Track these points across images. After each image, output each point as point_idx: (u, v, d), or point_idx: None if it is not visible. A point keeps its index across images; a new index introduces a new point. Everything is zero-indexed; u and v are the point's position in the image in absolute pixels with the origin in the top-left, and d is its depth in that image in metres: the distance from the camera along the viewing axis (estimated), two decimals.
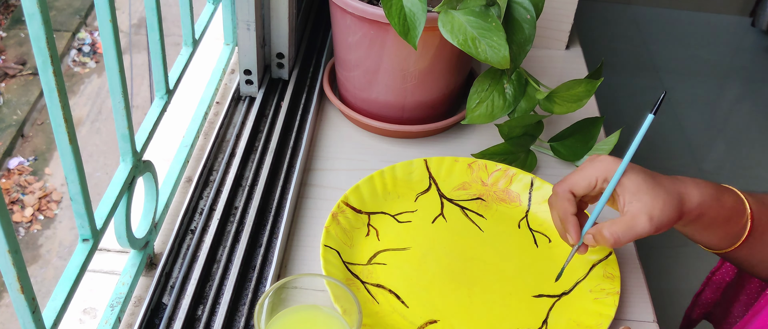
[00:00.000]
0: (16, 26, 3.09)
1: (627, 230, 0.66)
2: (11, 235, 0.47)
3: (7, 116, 2.66)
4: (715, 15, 2.82)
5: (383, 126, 0.92)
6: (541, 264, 0.78)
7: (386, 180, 0.84)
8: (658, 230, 0.66)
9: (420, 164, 0.86)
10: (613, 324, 0.72)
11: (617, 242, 0.66)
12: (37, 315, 0.52)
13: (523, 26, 0.79)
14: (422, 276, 0.76)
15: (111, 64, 0.60)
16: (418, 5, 0.75)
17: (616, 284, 0.74)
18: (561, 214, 0.70)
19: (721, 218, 0.69)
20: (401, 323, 0.72)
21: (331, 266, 0.73)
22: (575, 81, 0.82)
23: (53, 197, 2.44)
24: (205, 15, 0.86)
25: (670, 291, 1.33)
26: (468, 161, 0.87)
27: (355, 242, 0.79)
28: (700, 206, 0.67)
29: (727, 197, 0.69)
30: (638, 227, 0.66)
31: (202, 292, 0.70)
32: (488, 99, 0.85)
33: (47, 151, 2.60)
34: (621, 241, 0.66)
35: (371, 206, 0.82)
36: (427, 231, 0.81)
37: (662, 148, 2.09)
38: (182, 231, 0.76)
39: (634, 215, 0.66)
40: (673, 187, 0.67)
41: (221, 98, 0.95)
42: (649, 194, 0.66)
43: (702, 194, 0.68)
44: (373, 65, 0.88)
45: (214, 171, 0.83)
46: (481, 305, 0.74)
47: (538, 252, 0.79)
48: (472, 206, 0.84)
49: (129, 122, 0.63)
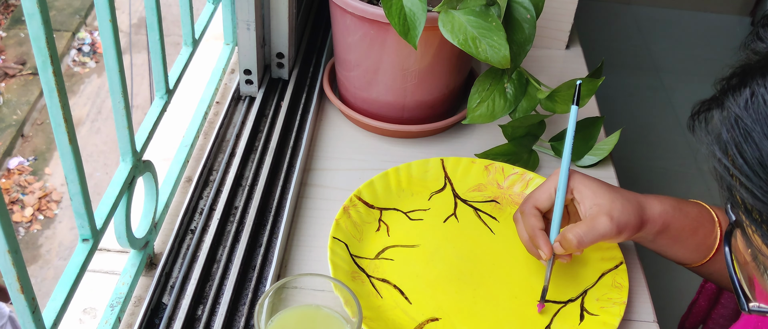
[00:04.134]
0: (16, 26, 3.09)
1: (589, 230, 0.68)
2: (11, 235, 0.47)
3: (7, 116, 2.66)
4: (715, 15, 2.82)
5: (383, 126, 0.92)
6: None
7: (401, 177, 0.84)
8: (620, 231, 0.68)
9: (436, 163, 0.86)
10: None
11: (581, 243, 0.68)
12: (37, 315, 0.52)
13: (523, 26, 0.79)
14: (428, 274, 0.76)
15: (111, 65, 0.60)
16: (418, 5, 0.75)
17: (624, 294, 0.74)
18: (529, 230, 0.71)
19: (688, 229, 0.70)
20: (403, 319, 0.72)
21: (337, 258, 0.74)
22: (576, 80, 0.82)
23: (53, 197, 2.44)
24: (205, 15, 0.86)
25: (670, 291, 1.33)
26: (485, 162, 0.87)
27: (365, 236, 0.79)
28: (663, 215, 0.69)
29: (690, 208, 0.71)
30: (600, 226, 0.67)
31: (202, 292, 0.70)
32: (489, 99, 0.85)
33: (47, 151, 2.60)
34: (584, 242, 0.68)
35: (384, 202, 0.82)
36: (438, 230, 0.81)
37: (662, 148, 2.09)
38: (182, 231, 0.76)
39: (594, 216, 0.68)
40: (632, 196, 0.70)
41: (221, 98, 0.95)
42: (605, 197, 0.68)
43: (662, 204, 0.70)
44: (373, 65, 0.88)
45: (214, 171, 0.83)
46: (485, 306, 0.74)
47: None
48: (485, 208, 0.84)
49: (129, 122, 0.63)
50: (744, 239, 0.43)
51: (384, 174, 0.84)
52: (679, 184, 2.01)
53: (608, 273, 0.77)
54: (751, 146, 0.38)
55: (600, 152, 0.92)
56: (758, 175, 0.38)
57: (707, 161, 0.42)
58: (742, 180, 0.39)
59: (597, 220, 0.68)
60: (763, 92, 0.38)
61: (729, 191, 0.41)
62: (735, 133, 0.39)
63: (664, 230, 0.70)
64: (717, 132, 0.41)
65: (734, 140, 0.39)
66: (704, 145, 0.42)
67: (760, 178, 0.38)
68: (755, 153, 0.38)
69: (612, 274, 0.77)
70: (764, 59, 0.41)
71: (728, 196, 0.41)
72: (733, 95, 0.40)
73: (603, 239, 0.68)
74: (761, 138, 0.38)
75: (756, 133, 0.38)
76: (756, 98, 0.39)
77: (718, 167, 0.41)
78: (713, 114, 0.42)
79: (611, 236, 0.68)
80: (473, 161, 0.87)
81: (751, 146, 0.38)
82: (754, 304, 0.45)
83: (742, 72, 0.41)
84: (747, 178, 0.39)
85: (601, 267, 0.78)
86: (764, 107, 0.38)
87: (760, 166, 0.38)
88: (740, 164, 0.39)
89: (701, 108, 0.44)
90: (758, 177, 0.38)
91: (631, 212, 0.68)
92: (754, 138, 0.38)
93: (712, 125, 0.42)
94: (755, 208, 0.39)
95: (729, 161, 0.40)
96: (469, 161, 0.87)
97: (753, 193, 0.38)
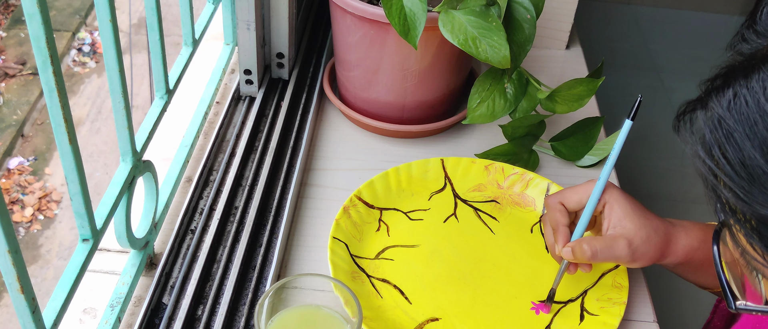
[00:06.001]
0: (16, 26, 3.09)
1: (605, 247, 0.68)
2: (11, 235, 0.47)
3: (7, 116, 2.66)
4: (715, 15, 2.82)
5: (383, 126, 0.92)
6: (550, 270, 0.78)
7: (401, 177, 0.84)
8: (634, 259, 0.68)
9: (436, 163, 0.86)
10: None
11: (594, 257, 0.68)
12: (37, 315, 0.52)
13: (524, 26, 0.79)
14: (428, 274, 0.76)
15: (111, 65, 0.60)
16: (419, 5, 0.75)
17: (624, 294, 0.74)
18: (553, 223, 0.71)
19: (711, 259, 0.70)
20: (403, 319, 0.72)
21: (337, 258, 0.74)
22: (576, 80, 0.82)
23: (53, 197, 2.44)
24: (205, 15, 0.86)
25: (670, 291, 1.33)
26: (485, 163, 0.87)
27: (365, 236, 0.79)
28: (686, 249, 0.69)
29: None
30: (617, 249, 0.67)
31: (202, 292, 0.70)
32: (489, 99, 0.85)
33: (47, 151, 2.60)
34: (598, 257, 0.68)
35: (384, 202, 0.82)
36: (438, 230, 0.81)
37: (662, 148, 2.09)
38: (182, 231, 0.76)
39: (615, 236, 0.68)
40: (662, 226, 0.69)
41: (221, 98, 0.95)
42: (634, 223, 0.68)
43: (689, 236, 0.69)
44: (373, 65, 0.88)
45: (214, 171, 0.83)
46: (485, 306, 0.74)
47: (547, 258, 0.79)
48: (485, 208, 0.84)
49: (129, 122, 0.63)
50: (732, 239, 0.43)
51: (384, 174, 0.84)
52: (679, 184, 2.01)
53: (608, 273, 0.77)
54: (733, 146, 0.39)
55: (600, 152, 0.92)
56: (740, 175, 0.38)
57: (692, 162, 0.42)
58: (725, 181, 0.39)
59: (616, 241, 0.68)
60: (746, 93, 0.39)
61: (713, 191, 0.41)
62: (718, 134, 0.40)
63: (686, 262, 0.70)
64: (701, 133, 0.41)
65: (717, 141, 0.40)
66: (689, 145, 0.42)
67: (742, 178, 0.38)
68: (737, 154, 0.38)
69: (612, 274, 0.77)
70: (747, 60, 0.41)
71: (713, 196, 0.41)
72: (717, 95, 0.40)
73: (617, 261, 0.68)
74: (743, 139, 0.38)
75: (738, 133, 0.38)
76: (738, 99, 0.39)
77: (702, 167, 0.41)
78: (698, 115, 0.42)
79: (625, 261, 0.68)
80: (473, 161, 0.87)
81: (733, 146, 0.39)
82: (741, 303, 0.46)
83: (725, 73, 0.41)
84: (730, 178, 0.39)
85: (601, 267, 0.78)
86: (746, 108, 0.38)
87: (742, 166, 0.38)
88: (723, 164, 0.39)
89: (686, 109, 0.44)
90: (740, 178, 0.38)
91: (654, 245, 0.68)
92: (736, 139, 0.39)
93: (696, 125, 0.42)
94: (738, 208, 0.39)
95: (712, 162, 0.40)
96: (469, 161, 0.87)
97: (736, 193, 0.39)
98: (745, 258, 0.42)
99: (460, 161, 0.87)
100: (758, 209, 0.38)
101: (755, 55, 0.41)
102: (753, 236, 0.39)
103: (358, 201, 0.81)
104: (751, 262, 0.41)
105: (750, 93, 0.39)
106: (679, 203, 1.98)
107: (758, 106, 0.38)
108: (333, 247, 0.75)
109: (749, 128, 0.38)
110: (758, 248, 0.40)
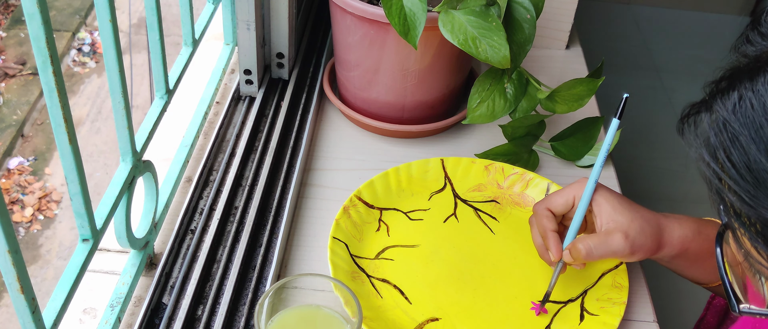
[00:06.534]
0: (16, 26, 3.09)
1: (600, 244, 0.67)
2: (11, 235, 0.47)
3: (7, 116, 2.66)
4: (715, 15, 2.82)
5: (383, 126, 0.92)
6: (550, 270, 0.78)
7: (401, 177, 0.84)
8: (634, 251, 0.67)
9: (436, 163, 0.86)
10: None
11: (590, 255, 0.67)
12: (37, 315, 0.52)
13: (523, 26, 0.79)
14: (428, 274, 0.76)
15: (111, 65, 0.60)
16: (419, 5, 0.75)
17: (624, 294, 0.74)
18: (541, 230, 0.71)
19: (706, 252, 0.70)
20: (403, 319, 0.72)
21: (337, 258, 0.74)
22: (576, 80, 0.82)
23: (53, 197, 2.44)
24: (205, 15, 0.86)
25: (670, 291, 1.33)
26: (485, 163, 0.87)
27: (365, 236, 0.79)
28: (681, 239, 0.69)
29: (709, 229, 0.70)
30: (613, 243, 0.67)
31: (202, 292, 0.70)
32: (489, 99, 0.85)
33: (47, 151, 2.60)
34: (594, 255, 0.67)
35: (384, 202, 0.82)
36: (438, 230, 0.81)
37: (662, 148, 2.09)
38: (182, 231, 0.76)
39: (609, 231, 0.68)
40: (653, 218, 0.69)
41: (221, 98, 0.95)
42: (625, 215, 0.68)
43: (683, 227, 0.69)
44: (373, 65, 0.88)
45: (214, 171, 0.83)
46: (485, 306, 0.74)
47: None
48: (485, 208, 0.84)
49: (129, 122, 0.63)
50: (735, 242, 0.43)
51: (384, 174, 0.84)
52: (679, 184, 2.01)
53: (608, 273, 0.77)
54: (738, 150, 0.38)
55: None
56: (745, 179, 0.38)
57: (696, 164, 0.42)
58: (730, 184, 0.39)
59: (611, 236, 0.67)
60: (751, 95, 0.38)
61: (718, 194, 0.41)
62: (723, 137, 0.39)
63: (682, 254, 0.69)
64: (705, 136, 0.41)
65: (722, 144, 0.39)
66: (693, 148, 0.42)
67: (747, 182, 0.38)
68: (742, 157, 0.38)
69: (612, 274, 0.77)
70: (753, 62, 0.41)
71: (717, 199, 0.41)
72: (722, 98, 0.40)
73: (614, 256, 0.68)
74: (748, 142, 0.38)
75: (743, 137, 0.38)
76: (744, 102, 0.39)
77: (706, 170, 0.41)
78: (702, 117, 0.42)
79: (624, 255, 0.67)
80: (473, 161, 0.87)
81: (738, 150, 0.38)
82: (745, 306, 0.45)
83: (730, 75, 0.41)
84: (734, 182, 0.39)
85: (601, 267, 0.78)
86: (751, 111, 0.38)
87: (747, 170, 0.38)
88: (728, 167, 0.39)
89: (690, 111, 0.44)
90: (745, 181, 0.38)
91: (649, 235, 0.67)
92: (741, 142, 0.38)
93: (701, 128, 0.42)
94: (743, 211, 0.39)
95: (717, 165, 0.40)
96: (469, 161, 0.87)
97: (740, 197, 0.39)
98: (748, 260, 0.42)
99: (460, 161, 0.87)
100: (763, 213, 0.38)
101: (760, 57, 0.41)
102: (758, 240, 0.39)
103: (358, 201, 0.81)
104: (755, 265, 0.41)
105: (755, 96, 0.38)
106: (679, 203, 1.98)
107: (764, 109, 0.38)
108: (333, 247, 0.75)
109: (755, 132, 0.38)
110: (762, 251, 0.40)
